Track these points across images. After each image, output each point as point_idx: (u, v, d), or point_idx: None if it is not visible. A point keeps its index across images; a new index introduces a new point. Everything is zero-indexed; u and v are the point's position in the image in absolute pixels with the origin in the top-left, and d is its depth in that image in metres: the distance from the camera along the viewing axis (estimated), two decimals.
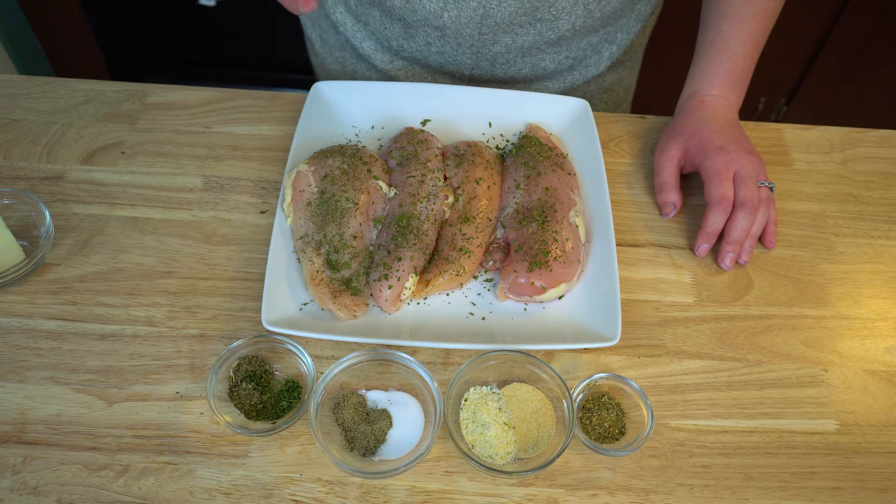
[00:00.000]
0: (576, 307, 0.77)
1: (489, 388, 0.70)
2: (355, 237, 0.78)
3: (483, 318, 0.76)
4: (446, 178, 0.84)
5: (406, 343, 0.71)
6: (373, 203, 0.82)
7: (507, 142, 0.91)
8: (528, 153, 0.85)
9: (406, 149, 0.85)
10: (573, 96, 0.93)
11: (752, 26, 0.86)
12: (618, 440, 0.69)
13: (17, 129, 0.91)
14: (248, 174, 0.88)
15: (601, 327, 0.73)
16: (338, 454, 0.66)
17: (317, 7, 0.65)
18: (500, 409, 0.68)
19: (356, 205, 0.80)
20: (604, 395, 0.71)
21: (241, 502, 0.65)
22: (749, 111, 1.99)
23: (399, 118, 0.91)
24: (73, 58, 1.99)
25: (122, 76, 2.02)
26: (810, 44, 1.82)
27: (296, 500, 0.65)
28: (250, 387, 0.69)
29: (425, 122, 0.91)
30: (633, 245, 0.84)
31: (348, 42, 1.05)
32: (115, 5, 1.89)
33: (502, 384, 0.72)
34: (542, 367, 0.70)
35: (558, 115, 0.91)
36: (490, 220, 0.82)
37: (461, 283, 0.78)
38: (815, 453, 0.70)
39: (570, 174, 0.85)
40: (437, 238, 0.80)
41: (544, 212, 0.79)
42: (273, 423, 0.69)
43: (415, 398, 0.70)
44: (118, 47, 2.00)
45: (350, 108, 0.91)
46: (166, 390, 0.71)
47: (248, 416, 0.69)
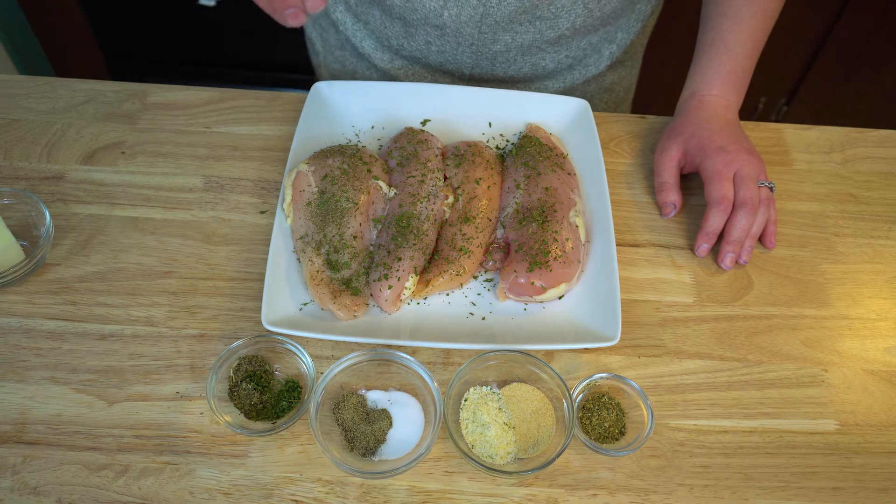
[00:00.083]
0: (576, 307, 0.77)
1: (489, 388, 0.70)
2: (355, 237, 0.78)
3: (483, 318, 0.76)
4: (446, 178, 0.84)
5: (406, 343, 0.71)
6: (373, 203, 0.82)
7: (507, 142, 0.91)
8: (528, 153, 0.85)
9: (406, 149, 0.85)
10: (573, 96, 0.93)
11: (752, 26, 0.86)
12: (618, 440, 0.69)
13: (17, 129, 0.91)
14: (248, 174, 0.88)
15: (601, 327, 0.73)
16: (338, 454, 0.66)
17: (306, 21, 0.66)
18: (500, 409, 0.68)
19: (356, 205, 0.80)
20: (604, 395, 0.71)
21: (241, 502, 0.65)
22: (749, 111, 1.99)
23: (399, 118, 0.91)
24: (73, 58, 1.99)
25: (122, 76, 2.02)
26: (810, 44, 1.82)
27: (296, 500, 0.65)
28: (250, 387, 0.69)
29: (425, 122, 0.91)
30: (633, 245, 0.84)
31: (348, 41, 1.05)
32: (115, 5, 1.89)
33: (502, 384, 0.71)
34: (542, 367, 0.70)
35: (558, 115, 0.91)
36: (490, 220, 0.82)
37: (461, 283, 0.78)
38: (815, 453, 0.70)
39: (570, 174, 0.84)
40: (437, 238, 0.80)
41: (544, 212, 0.79)
42: (273, 423, 0.69)
43: (415, 398, 0.70)
44: (118, 47, 2.00)
45: (350, 108, 0.91)
46: (166, 390, 0.71)
47: (248, 416, 0.69)
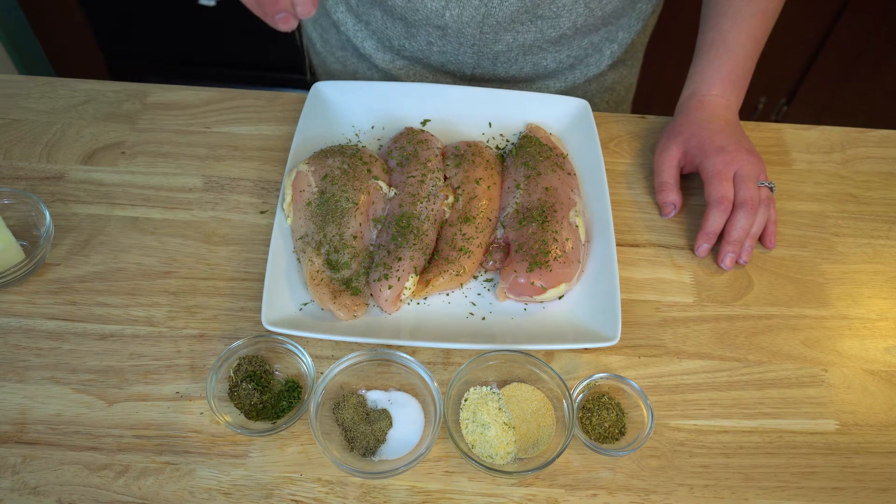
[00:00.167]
0: (576, 307, 0.77)
1: (489, 388, 0.70)
2: (355, 237, 0.78)
3: (483, 318, 0.76)
4: (446, 178, 0.84)
5: (406, 343, 0.71)
6: (373, 203, 0.82)
7: (507, 142, 0.91)
8: (528, 153, 0.85)
9: (406, 149, 0.85)
10: (574, 95, 0.93)
11: (752, 26, 0.86)
12: (618, 440, 0.69)
13: (17, 129, 0.91)
14: (248, 174, 0.88)
15: (601, 327, 0.73)
16: (338, 454, 0.66)
17: (295, 26, 0.66)
18: (500, 409, 0.68)
19: (356, 205, 0.80)
20: (604, 395, 0.71)
21: (241, 502, 0.65)
22: (749, 111, 1.99)
23: (399, 118, 0.91)
24: (73, 58, 1.99)
25: (122, 76, 2.02)
26: (810, 44, 1.82)
27: (296, 500, 0.65)
28: (250, 387, 0.69)
29: (425, 122, 0.91)
30: (633, 245, 0.84)
31: (349, 42, 1.05)
32: (115, 5, 1.89)
33: (502, 384, 0.71)
34: (542, 367, 0.70)
35: (558, 115, 0.91)
36: (490, 220, 0.82)
37: (461, 283, 0.78)
38: (815, 453, 0.70)
39: (570, 174, 0.84)
40: (437, 238, 0.80)
41: (544, 212, 0.79)
42: (273, 423, 0.69)
43: (415, 398, 0.70)
44: (118, 47, 2.00)
45: (350, 108, 0.91)
46: (166, 390, 0.71)
47: (248, 416, 0.69)
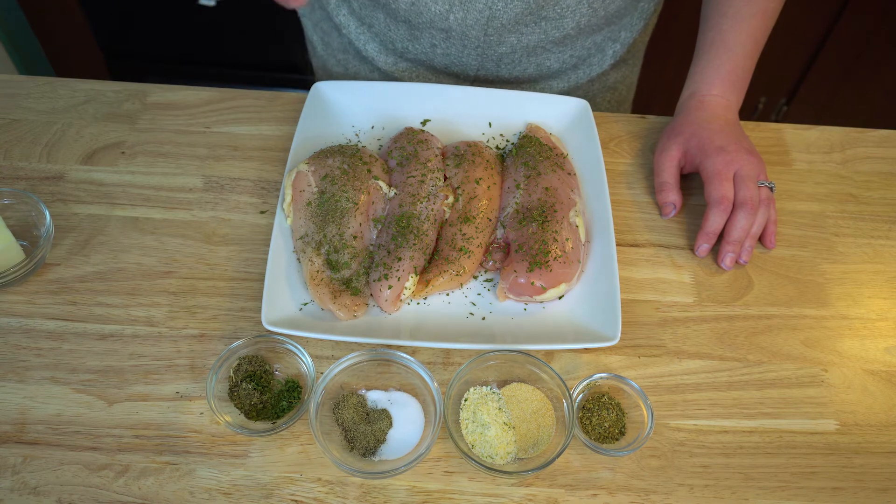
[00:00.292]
0: (576, 307, 0.77)
1: (489, 388, 0.70)
2: (355, 237, 0.78)
3: (483, 318, 0.76)
4: (446, 178, 0.84)
5: (406, 343, 0.71)
6: (373, 203, 0.82)
7: (507, 142, 0.91)
8: (528, 153, 0.85)
9: (406, 149, 0.85)
10: (577, 95, 0.93)
11: (752, 26, 0.86)
12: (618, 440, 0.69)
13: (17, 129, 0.91)
14: (248, 174, 0.88)
15: (601, 327, 0.73)
16: (338, 454, 0.66)
17: (306, 3, 0.66)
18: (500, 409, 0.68)
19: (356, 205, 0.80)
20: (604, 395, 0.71)
21: (241, 502, 0.65)
22: (749, 111, 1.99)
23: (399, 118, 0.91)
24: (73, 58, 1.99)
25: (122, 76, 2.02)
26: (810, 44, 1.82)
27: (296, 500, 0.65)
28: (250, 387, 0.69)
29: (425, 122, 0.91)
30: (633, 245, 0.84)
31: (351, 44, 1.04)
32: (115, 5, 1.89)
33: (502, 384, 0.71)
34: (542, 367, 0.70)
35: (558, 115, 0.91)
36: (490, 220, 0.82)
37: (461, 283, 0.78)
38: (815, 453, 0.70)
39: (570, 174, 0.84)
40: (437, 238, 0.80)
41: (544, 212, 0.79)
42: (273, 423, 0.69)
43: (415, 398, 0.70)
44: (118, 47, 2.00)
45: (350, 108, 0.91)
46: (166, 390, 0.71)
47: (248, 416, 0.69)
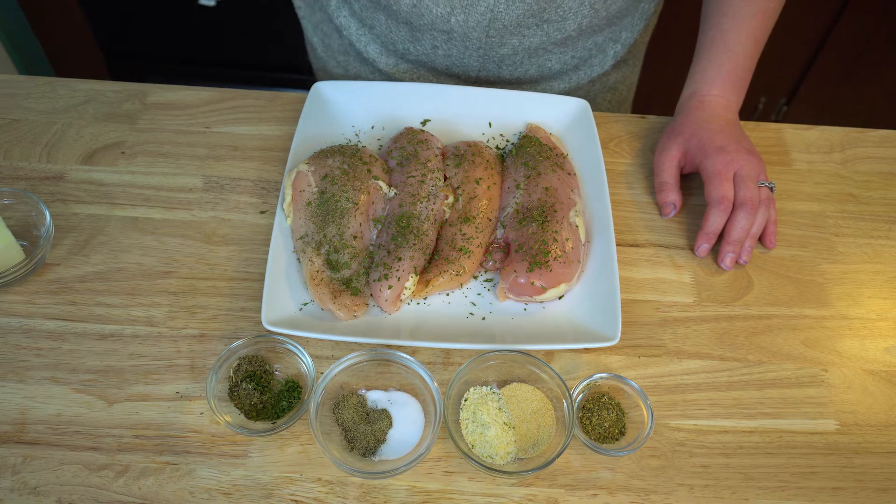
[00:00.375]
0: (576, 307, 0.77)
1: (489, 388, 0.70)
2: (355, 237, 0.78)
3: (483, 318, 0.76)
4: (446, 178, 0.84)
5: (406, 343, 0.71)
6: (373, 203, 0.82)
7: (507, 142, 0.91)
8: (528, 153, 0.85)
9: (406, 149, 0.85)
10: (577, 95, 0.93)
11: (752, 26, 0.86)
12: (618, 440, 0.69)
13: (17, 129, 0.91)
14: (248, 174, 0.88)
15: (601, 327, 0.73)
16: (338, 454, 0.66)
17: None
18: (500, 409, 0.68)
19: (356, 205, 0.80)
20: (604, 395, 0.71)
21: (241, 502, 0.65)
22: (749, 111, 1.99)
23: (399, 118, 0.91)
24: (73, 58, 1.99)
25: (122, 76, 2.02)
26: (810, 44, 1.82)
27: (296, 500, 0.65)
28: (250, 387, 0.69)
29: (425, 122, 0.91)
30: (633, 245, 0.84)
31: (352, 46, 1.04)
32: (115, 5, 1.89)
33: (502, 384, 0.71)
34: (542, 367, 0.70)
35: (558, 115, 0.91)
36: (490, 220, 0.82)
37: (461, 283, 0.78)
38: (815, 453, 0.70)
39: (570, 174, 0.84)
40: (437, 238, 0.80)
41: (544, 212, 0.79)
42: (273, 423, 0.69)
43: (415, 398, 0.70)
44: (118, 47, 2.00)
45: (350, 108, 0.91)
46: (166, 390, 0.71)
47: (248, 416, 0.69)
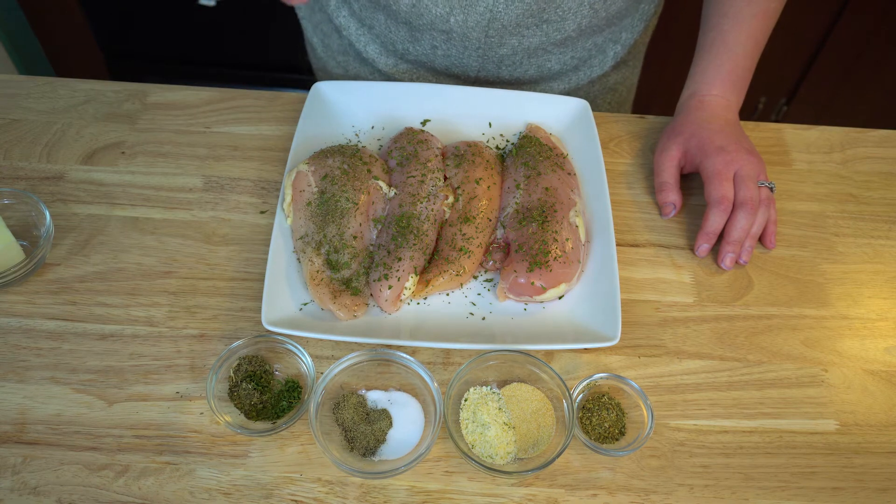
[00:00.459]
0: (576, 307, 0.77)
1: (489, 388, 0.70)
2: (355, 237, 0.78)
3: (483, 318, 0.76)
4: (446, 178, 0.84)
5: (406, 343, 0.71)
6: (373, 203, 0.82)
7: (507, 142, 0.91)
8: (528, 153, 0.85)
9: (406, 149, 0.85)
10: (577, 96, 0.93)
11: (752, 27, 0.86)
12: (618, 440, 0.69)
13: (17, 129, 0.91)
14: (248, 174, 0.88)
15: (601, 327, 0.73)
16: (338, 454, 0.66)
17: (307, 1, 0.66)
18: (500, 409, 0.68)
19: (356, 205, 0.80)
20: (604, 395, 0.71)
21: (241, 502, 0.65)
22: (749, 111, 1.99)
23: (399, 118, 0.91)
24: (73, 58, 1.99)
25: (122, 76, 2.02)
26: (810, 44, 1.82)
27: (296, 500, 0.65)
28: (250, 387, 0.69)
29: (425, 122, 0.91)
30: (633, 245, 0.84)
31: (352, 46, 1.04)
32: (115, 5, 1.89)
33: (502, 384, 0.71)
34: (542, 367, 0.70)
35: (558, 115, 0.91)
36: (490, 220, 0.82)
37: (461, 283, 0.78)
38: (815, 453, 0.70)
39: (570, 174, 0.84)
40: (437, 238, 0.80)
41: (544, 212, 0.79)
42: (273, 423, 0.69)
43: (415, 398, 0.70)
44: (118, 47, 2.00)
45: (350, 108, 0.91)
46: (166, 390, 0.71)
47: (248, 416, 0.69)
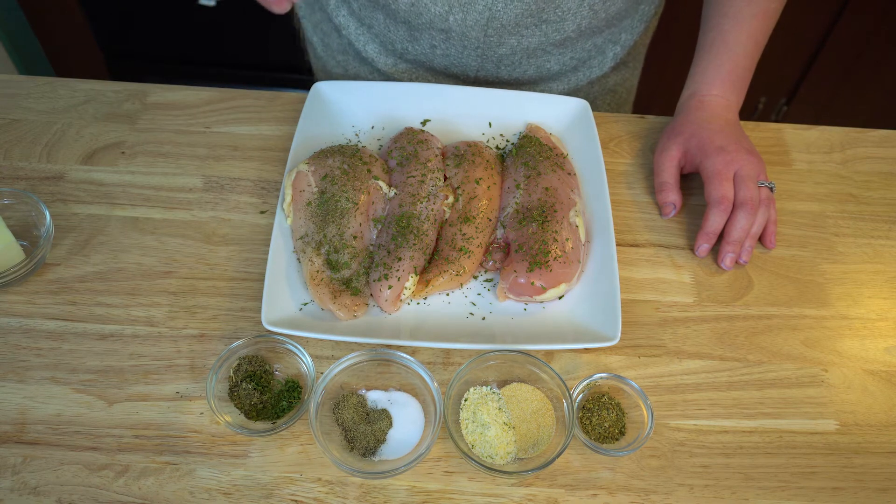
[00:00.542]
0: (576, 307, 0.77)
1: (489, 388, 0.70)
2: (355, 237, 0.78)
3: (483, 318, 0.76)
4: (446, 178, 0.84)
5: (406, 343, 0.71)
6: (373, 203, 0.82)
7: (507, 142, 0.91)
8: (528, 153, 0.85)
9: (406, 149, 0.85)
10: (577, 97, 0.93)
11: (752, 27, 0.86)
12: (618, 440, 0.69)
13: (17, 129, 0.91)
14: (248, 174, 0.88)
15: (601, 327, 0.73)
16: (338, 454, 0.66)
17: (289, 8, 0.66)
18: (500, 409, 0.68)
19: (356, 205, 0.80)
20: (604, 395, 0.71)
21: (241, 502, 0.65)
22: (749, 111, 1.99)
23: (399, 118, 0.91)
24: (73, 58, 1.99)
25: (122, 76, 2.02)
26: (810, 44, 1.82)
27: (296, 500, 0.65)
28: (250, 387, 0.69)
29: (425, 122, 0.91)
30: (633, 245, 0.84)
31: (351, 45, 1.04)
32: (115, 5, 1.89)
33: (502, 384, 0.71)
34: (542, 367, 0.70)
35: (558, 115, 0.91)
36: (490, 220, 0.82)
37: (461, 283, 0.78)
38: (815, 453, 0.70)
39: (570, 174, 0.84)
40: (437, 238, 0.80)
41: (544, 212, 0.79)
42: (273, 423, 0.69)
43: (415, 398, 0.70)
44: (118, 47, 2.00)
45: (350, 108, 0.91)
46: (166, 390, 0.71)
47: (248, 416, 0.69)
